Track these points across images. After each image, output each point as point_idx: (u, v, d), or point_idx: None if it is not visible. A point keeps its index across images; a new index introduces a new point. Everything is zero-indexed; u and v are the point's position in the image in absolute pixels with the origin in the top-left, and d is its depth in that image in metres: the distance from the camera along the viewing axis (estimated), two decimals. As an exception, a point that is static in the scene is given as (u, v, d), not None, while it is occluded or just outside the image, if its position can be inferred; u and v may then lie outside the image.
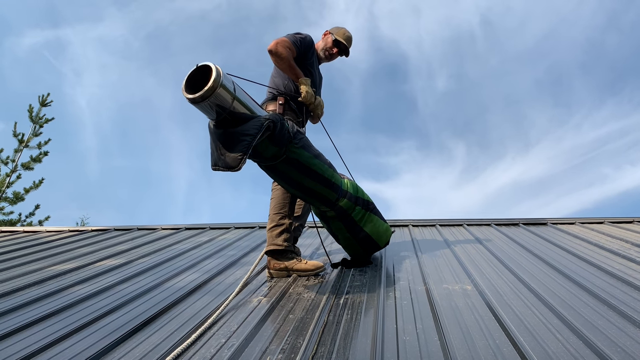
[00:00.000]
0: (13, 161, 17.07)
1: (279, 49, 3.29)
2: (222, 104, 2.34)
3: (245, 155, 2.30)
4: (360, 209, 3.20)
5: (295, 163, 2.77)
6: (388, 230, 3.38)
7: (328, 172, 2.97)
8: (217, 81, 2.25)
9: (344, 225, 3.20)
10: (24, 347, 1.89)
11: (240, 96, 2.44)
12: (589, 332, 1.85)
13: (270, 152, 2.66)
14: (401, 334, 1.92)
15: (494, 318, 2.09)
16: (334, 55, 3.85)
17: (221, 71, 2.30)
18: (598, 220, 5.11)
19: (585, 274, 2.83)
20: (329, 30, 3.85)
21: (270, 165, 2.78)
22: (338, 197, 3.05)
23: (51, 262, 3.87)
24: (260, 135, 2.42)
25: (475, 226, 5.18)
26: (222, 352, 1.79)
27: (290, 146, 2.72)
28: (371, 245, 3.31)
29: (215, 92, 2.25)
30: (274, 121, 2.53)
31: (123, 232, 5.73)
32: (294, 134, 2.76)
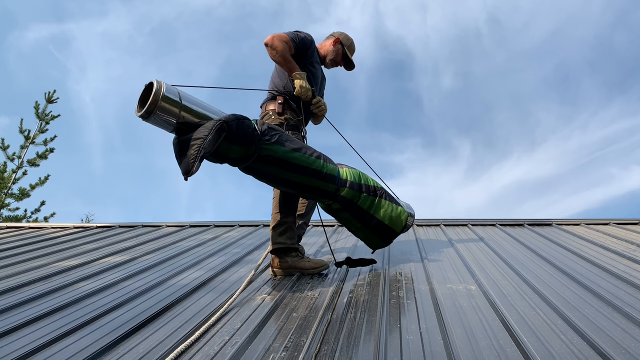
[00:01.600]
0: (19, 157, 17.16)
1: (274, 41, 3.28)
2: (170, 115, 2.46)
3: (196, 158, 2.30)
4: (367, 195, 3.10)
5: (271, 160, 2.73)
6: (403, 213, 3.20)
7: (316, 164, 2.89)
8: (158, 94, 2.38)
9: (352, 215, 3.12)
10: (30, 342, 1.90)
11: (190, 105, 2.53)
12: (593, 333, 1.84)
13: (235, 153, 2.65)
14: (405, 334, 1.92)
15: (498, 318, 2.09)
16: (339, 65, 3.89)
17: (163, 85, 2.42)
18: (603, 222, 5.09)
19: (590, 275, 2.82)
20: (338, 37, 3.79)
21: (247, 167, 2.77)
22: (337, 187, 2.99)
23: (56, 258, 3.89)
24: (213, 137, 2.41)
25: (480, 226, 5.17)
26: (226, 350, 1.79)
27: (261, 144, 2.70)
28: (387, 232, 3.18)
29: (157, 105, 2.38)
30: (226, 121, 2.51)
31: (128, 228, 5.75)
32: (263, 131, 2.73)
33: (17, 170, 17.12)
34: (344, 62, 3.87)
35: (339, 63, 3.85)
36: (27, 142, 17.24)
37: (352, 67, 3.91)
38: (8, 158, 17.05)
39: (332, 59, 3.78)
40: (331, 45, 3.77)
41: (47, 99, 17.63)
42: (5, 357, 1.75)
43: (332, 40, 3.80)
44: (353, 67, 3.91)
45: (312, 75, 3.58)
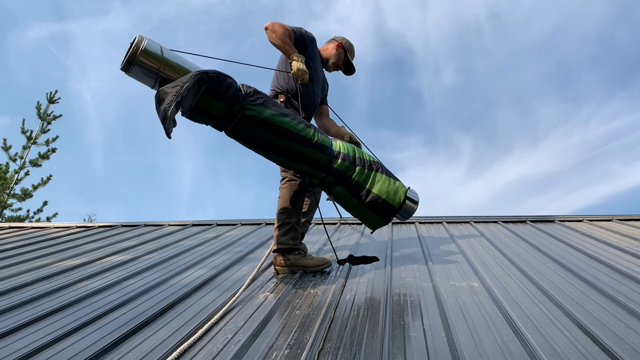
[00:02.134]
0: (21, 158, 17.20)
1: (275, 25, 3.30)
2: (151, 69, 2.51)
3: (172, 103, 2.30)
4: (362, 169, 2.99)
5: (256, 121, 2.69)
6: (401, 188, 3.04)
7: (306, 132, 2.84)
8: (138, 47, 2.45)
9: (347, 189, 2.98)
10: (33, 341, 1.90)
11: (171, 60, 2.57)
12: (597, 329, 1.84)
13: (217, 108, 2.61)
14: (408, 331, 1.92)
15: (501, 315, 2.08)
16: (339, 69, 3.92)
17: (145, 39, 2.49)
18: (606, 218, 5.08)
19: (593, 271, 2.82)
20: (341, 42, 3.85)
21: (233, 129, 2.72)
22: (330, 158, 2.92)
23: (59, 258, 3.89)
24: (192, 85, 2.41)
25: (482, 223, 5.16)
26: (229, 347, 1.79)
27: (245, 103, 2.67)
28: (384, 207, 3.00)
29: (137, 57, 2.45)
30: (206, 72, 2.52)
31: (130, 228, 5.75)
32: (248, 92, 2.71)
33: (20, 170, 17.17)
34: (344, 67, 3.91)
35: (340, 67, 3.90)
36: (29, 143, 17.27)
37: (352, 71, 3.96)
38: (10, 159, 17.10)
39: (334, 62, 3.82)
40: (334, 49, 3.81)
41: (48, 99, 17.67)
42: (8, 356, 1.75)
43: (335, 44, 3.84)
44: (353, 72, 3.96)
45: (314, 71, 3.58)
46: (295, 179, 3.40)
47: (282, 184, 3.48)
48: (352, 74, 3.98)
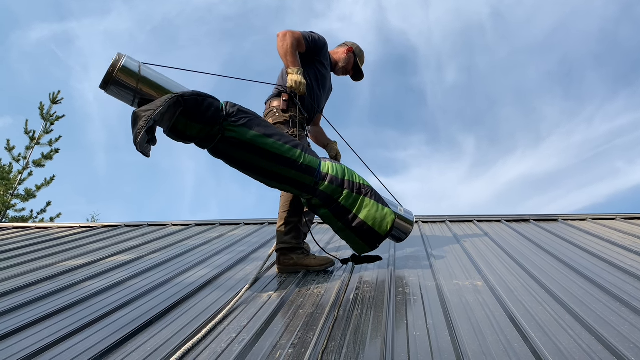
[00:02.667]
0: (25, 158, 17.23)
1: (287, 34, 3.31)
2: (127, 87, 2.51)
3: (142, 129, 2.27)
4: (350, 192, 2.88)
5: (236, 143, 2.62)
6: (389, 215, 2.91)
7: (291, 153, 2.74)
8: (115, 65, 2.46)
9: (332, 213, 2.89)
10: (38, 341, 1.91)
11: (149, 77, 2.55)
12: (601, 328, 1.84)
13: (194, 131, 2.56)
14: (411, 330, 1.92)
15: (505, 314, 2.08)
16: (348, 74, 3.93)
17: (123, 57, 2.48)
18: (610, 216, 5.06)
19: (597, 270, 2.81)
20: (351, 47, 3.86)
21: (213, 150, 2.68)
22: (316, 180, 2.82)
23: (63, 258, 3.91)
24: (166, 109, 2.37)
25: (486, 222, 5.16)
26: (233, 347, 1.80)
27: (225, 124, 2.59)
28: (370, 234, 2.89)
29: (114, 75, 2.45)
30: (182, 95, 2.47)
31: (133, 228, 5.77)
32: (230, 113, 2.64)
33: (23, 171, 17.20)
34: (353, 72, 3.92)
35: (348, 72, 3.91)
36: (32, 143, 17.31)
37: (360, 77, 3.97)
38: (14, 159, 17.13)
39: (343, 67, 3.83)
40: (344, 54, 3.82)
41: (51, 100, 17.69)
42: (13, 355, 1.76)
43: (345, 48, 3.85)
44: (362, 78, 3.98)
45: (321, 75, 3.59)
46: None
47: None
48: (360, 79, 4.00)
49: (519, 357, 1.61)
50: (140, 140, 2.27)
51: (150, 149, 2.47)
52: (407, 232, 3.28)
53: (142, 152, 2.37)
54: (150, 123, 2.29)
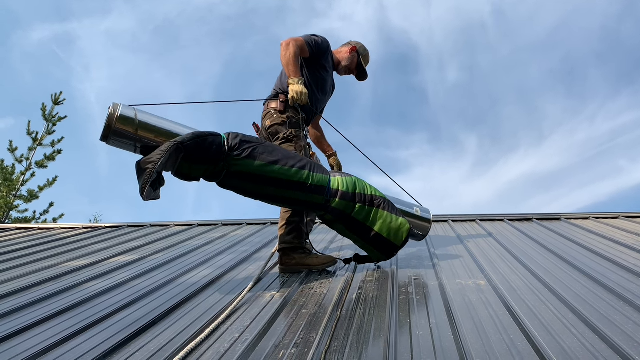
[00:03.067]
0: (27, 159, 17.27)
1: (290, 43, 3.30)
2: (127, 136, 2.54)
3: (147, 183, 2.29)
4: (363, 206, 2.89)
5: (242, 176, 2.64)
6: (404, 225, 2.93)
7: (299, 176, 2.74)
8: (112, 118, 2.49)
9: (346, 227, 2.94)
10: (42, 341, 1.91)
11: (146, 122, 2.58)
12: (605, 327, 1.83)
13: (199, 172, 2.60)
14: (415, 329, 1.92)
15: (508, 313, 2.08)
16: (351, 73, 3.88)
17: (118, 107, 2.52)
18: (613, 215, 5.05)
19: (600, 268, 2.81)
20: (355, 46, 3.82)
21: (222, 184, 2.70)
22: (327, 198, 2.83)
23: (66, 259, 3.91)
24: (167, 159, 2.39)
25: (488, 221, 5.15)
26: (236, 347, 1.80)
27: (229, 159, 2.61)
28: (386, 245, 2.93)
29: (112, 128, 2.50)
30: (182, 142, 2.47)
31: (136, 228, 5.78)
32: (233, 146, 2.62)
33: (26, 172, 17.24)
34: (357, 72, 3.88)
35: (352, 71, 3.86)
36: (34, 144, 17.34)
37: (364, 77, 3.93)
38: (16, 160, 17.16)
39: (346, 66, 3.79)
40: (347, 53, 3.78)
41: (53, 101, 17.72)
42: (17, 356, 1.76)
43: (349, 47, 3.81)
44: (365, 78, 3.94)
45: (321, 78, 3.58)
46: None
47: None
48: (364, 79, 3.95)
49: (522, 357, 1.61)
50: (146, 194, 2.32)
51: (159, 193, 2.51)
52: (426, 231, 3.26)
53: (151, 199, 2.42)
54: (154, 176, 2.33)
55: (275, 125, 3.47)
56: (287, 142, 3.43)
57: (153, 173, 2.31)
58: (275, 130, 3.48)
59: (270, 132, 3.51)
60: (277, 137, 3.48)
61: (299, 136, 3.45)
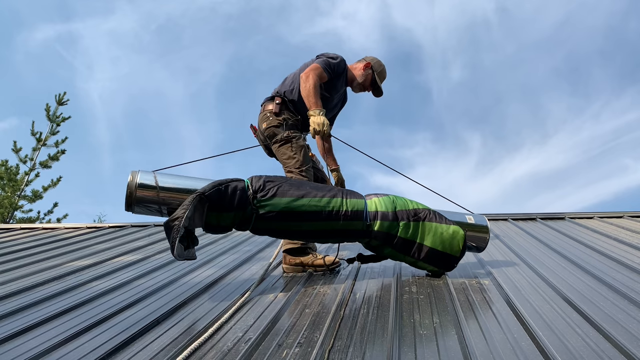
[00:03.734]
0: (31, 159, 17.33)
1: (309, 75, 3.28)
2: (151, 201, 2.57)
3: (175, 240, 2.28)
4: (407, 222, 2.68)
5: (273, 216, 2.57)
6: (457, 233, 2.69)
7: (332, 204, 2.63)
8: (132, 186, 2.55)
9: (396, 249, 2.72)
10: (45, 341, 1.92)
11: (167, 184, 2.61)
12: (609, 326, 1.82)
13: (228, 220, 2.55)
14: (418, 329, 1.91)
15: (512, 312, 2.07)
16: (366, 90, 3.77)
17: (137, 174, 2.58)
18: (617, 215, 5.04)
19: (604, 268, 2.80)
20: (369, 62, 3.69)
21: (254, 229, 2.65)
22: (367, 222, 2.68)
23: (70, 258, 3.92)
24: (193, 213, 2.37)
25: (492, 221, 5.14)
26: (239, 346, 1.80)
27: (256, 202, 2.56)
28: (443, 259, 2.70)
29: (134, 196, 2.54)
30: (203, 192, 2.46)
31: (140, 228, 5.79)
32: (257, 188, 2.58)
33: (30, 172, 17.30)
34: (372, 88, 3.74)
35: (366, 88, 3.74)
36: (39, 145, 17.40)
37: (379, 94, 3.79)
38: (21, 160, 17.22)
39: (360, 83, 3.68)
40: (361, 69, 3.67)
41: (57, 101, 17.78)
42: (21, 355, 1.77)
43: (363, 64, 3.69)
44: (381, 94, 3.80)
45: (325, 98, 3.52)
46: (302, 179, 3.40)
47: None
48: (379, 96, 3.81)
49: (526, 356, 1.61)
50: (177, 251, 2.30)
51: (194, 253, 2.50)
52: (484, 241, 2.94)
53: (185, 259, 2.41)
54: (182, 232, 2.30)
55: (271, 128, 3.47)
56: (286, 144, 3.43)
57: (180, 228, 2.28)
58: (272, 132, 3.47)
59: (267, 134, 3.51)
60: (275, 140, 3.47)
61: (297, 136, 3.45)
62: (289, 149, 3.44)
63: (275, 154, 3.58)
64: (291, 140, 3.44)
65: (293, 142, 3.45)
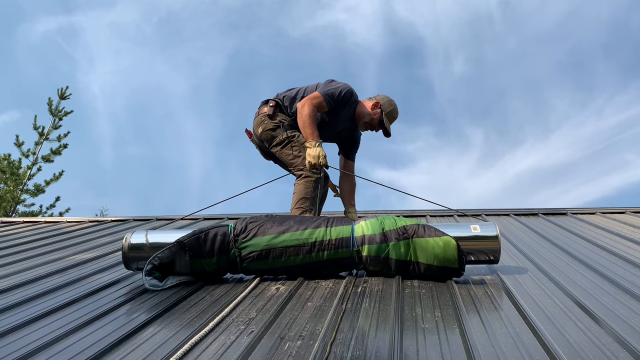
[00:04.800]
0: (34, 154, 17.38)
1: (305, 105, 3.30)
2: (143, 258, 2.74)
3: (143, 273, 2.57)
4: (396, 242, 2.55)
5: (256, 255, 2.61)
6: (450, 243, 2.48)
7: (314, 236, 2.60)
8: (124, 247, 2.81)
9: (395, 271, 2.59)
10: (49, 332, 1.93)
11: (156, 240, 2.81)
12: (611, 321, 1.83)
13: (212, 265, 2.65)
14: (419, 322, 1.92)
15: (514, 306, 2.08)
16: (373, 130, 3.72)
17: (130, 235, 2.84)
18: (619, 210, 5.03)
19: (606, 263, 2.80)
20: (379, 101, 3.63)
21: (243, 271, 2.71)
22: (356, 249, 2.60)
23: (72, 252, 3.93)
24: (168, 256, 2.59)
25: (494, 216, 5.14)
26: (242, 339, 1.80)
27: (237, 244, 2.63)
28: (443, 272, 2.52)
29: (127, 255, 2.80)
30: (182, 240, 2.61)
31: (142, 222, 5.80)
32: (240, 230, 2.66)
33: (32, 166, 17.34)
34: (379, 129, 3.68)
35: (374, 127, 3.67)
36: (41, 139, 17.44)
37: (387, 135, 3.71)
38: (23, 155, 17.28)
39: (365, 122, 3.62)
40: (370, 108, 3.61)
41: (60, 95, 17.80)
42: (26, 346, 1.78)
43: (372, 102, 3.64)
44: (389, 136, 3.72)
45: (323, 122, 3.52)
46: (312, 175, 3.40)
47: (297, 181, 3.48)
48: (387, 137, 3.73)
49: (527, 350, 1.61)
50: (146, 283, 2.54)
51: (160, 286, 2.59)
52: (496, 251, 2.66)
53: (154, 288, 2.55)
54: (148, 267, 2.56)
55: (267, 131, 3.47)
56: (288, 144, 3.43)
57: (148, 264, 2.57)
58: (270, 135, 3.47)
59: (264, 139, 3.51)
60: (274, 143, 3.46)
61: (296, 134, 3.44)
62: (292, 149, 3.44)
63: (279, 157, 3.57)
64: (292, 140, 3.44)
65: (294, 141, 3.44)
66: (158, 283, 2.57)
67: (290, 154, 3.41)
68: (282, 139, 3.42)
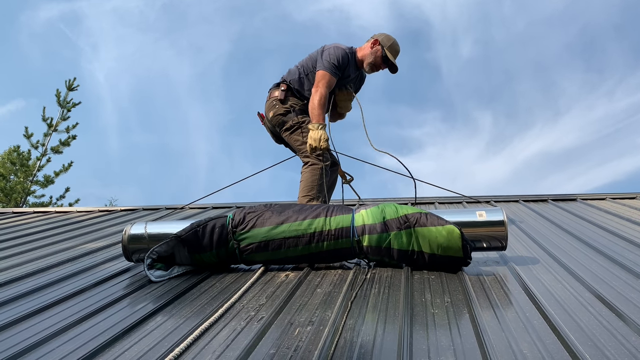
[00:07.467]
0: (43, 145, 17.48)
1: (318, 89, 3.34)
2: (143, 250, 2.74)
3: (143, 263, 2.59)
4: (398, 232, 2.46)
5: (255, 247, 2.58)
6: (453, 231, 2.38)
7: (313, 226, 2.54)
8: (124, 239, 2.79)
9: (396, 260, 2.52)
10: (60, 320, 1.95)
11: (157, 233, 2.78)
12: (622, 305, 1.82)
13: (212, 257, 2.64)
14: (429, 307, 1.92)
15: (524, 291, 2.07)
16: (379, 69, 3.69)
17: (130, 227, 2.82)
18: (630, 196, 4.99)
19: (617, 248, 2.78)
20: (377, 39, 3.60)
21: (243, 261, 2.68)
22: (356, 239, 2.53)
23: (82, 241, 3.96)
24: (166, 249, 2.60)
25: (503, 202, 5.12)
26: (252, 324, 1.81)
27: (236, 236, 2.60)
28: (448, 262, 2.43)
29: (127, 246, 2.79)
30: (179, 235, 2.60)
31: (151, 211, 5.83)
32: (238, 222, 2.62)
33: (42, 157, 17.45)
34: (385, 66, 3.64)
35: (379, 66, 3.64)
36: (50, 130, 17.53)
37: (394, 70, 3.67)
38: (32, 146, 17.39)
39: (369, 63, 3.59)
40: (369, 48, 3.59)
41: (67, 87, 17.86)
42: (38, 334, 1.80)
43: (370, 42, 3.62)
44: (396, 70, 3.68)
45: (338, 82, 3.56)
46: (318, 163, 3.40)
47: (304, 168, 3.48)
48: (394, 72, 3.69)
49: (538, 334, 1.61)
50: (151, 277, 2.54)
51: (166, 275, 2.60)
52: (503, 236, 2.58)
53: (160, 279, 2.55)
54: (147, 261, 2.57)
55: (278, 116, 3.46)
56: (297, 129, 3.43)
57: (146, 257, 2.58)
58: (280, 120, 3.46)
59: (275, 123, 3.51)
60: (285, 127, 3.46)
61: (306, 120, 3.43)
62: (301, 135, 3.43)
63: (288, 141, 3.57)
64: (301, 126, 3.43)
65: (303, 127, 3.44)
66: (163, 272, 2.58)
67: (299, 139, 3.41)
68: (292, 124, 3.42)
